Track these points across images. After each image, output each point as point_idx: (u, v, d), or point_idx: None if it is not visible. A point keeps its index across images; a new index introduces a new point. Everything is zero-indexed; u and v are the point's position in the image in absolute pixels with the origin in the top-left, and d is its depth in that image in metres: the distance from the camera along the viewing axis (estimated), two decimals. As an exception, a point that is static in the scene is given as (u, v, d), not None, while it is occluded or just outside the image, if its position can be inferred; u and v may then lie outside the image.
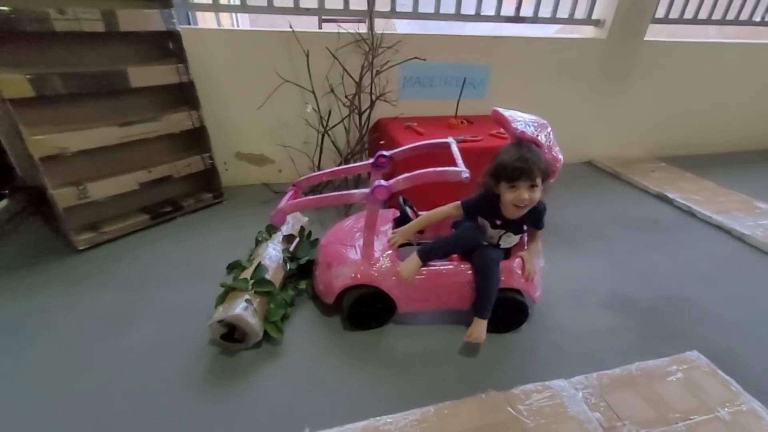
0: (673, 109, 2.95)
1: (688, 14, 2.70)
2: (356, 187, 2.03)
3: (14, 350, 1.22)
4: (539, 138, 1.21)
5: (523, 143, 1.19)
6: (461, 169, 1.21)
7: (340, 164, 2.17)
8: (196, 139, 2.00)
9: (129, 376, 1.16)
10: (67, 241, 1.68)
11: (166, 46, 1.83)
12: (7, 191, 1.89)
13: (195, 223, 1.96)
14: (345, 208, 2.09)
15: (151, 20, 1.69)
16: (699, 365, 1.26)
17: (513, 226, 1.29)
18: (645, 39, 2.60)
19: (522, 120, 1.25)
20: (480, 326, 1.26)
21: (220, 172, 2.13)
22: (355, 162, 2.17)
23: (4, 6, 1.36)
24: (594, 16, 2.53)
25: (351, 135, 2.23)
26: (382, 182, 1.21)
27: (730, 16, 2.77)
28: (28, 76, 1.43)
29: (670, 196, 2.41)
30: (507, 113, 1.28)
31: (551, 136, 1.25)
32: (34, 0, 1.45)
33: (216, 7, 2.01)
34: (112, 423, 1.04)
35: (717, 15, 2.75)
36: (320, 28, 3.06)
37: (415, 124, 2.18)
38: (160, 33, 1.75)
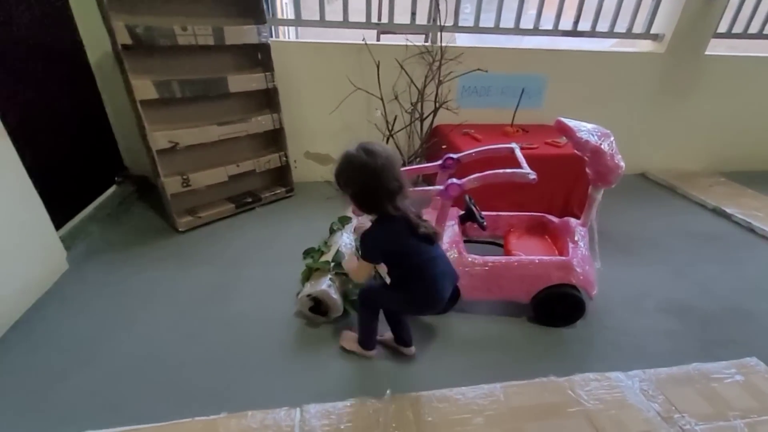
0: (735, 123, 2.89)
1: (753, 29, 2.66)
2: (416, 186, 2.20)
3: (144, 311, 1.47)
4: (602, 146, 1.31)
5: (367, 149, 1.03)
6: (528, 171, 1.33)
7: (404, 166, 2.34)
8: (275, 139, 2.24)
9: (235, 336, 1.37)
10: (170, 223, 1.95)
11: (256, 56, 2.09)
12: (117, 179, 2.21)
13: (271, 214, 2.19)
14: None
15: (249, 34, 1.94)
16: (759, 371, 1.30)
17: None
18: (706, 53, 2.60)
19: (586, 129, 1.36)
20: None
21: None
22: (415, 164, 2.32)
23: (138, 24, 1.65)
24: (653, 31, 2.57)
25: (411, 139, 2.40)
26: (456, 181, 1.35)
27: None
28: (154, 82, 1.72)
29: (729, 211, 2.38)
30: (571, 123, 1.39)
31: (614, 144, 1.35)
32: (161, 18, 1.73)
33: (299, 23, 2.25)
34: (228, 370, 1.25)
35: (786, 29, 2.69)
36: (378, 39, 3.27)
37: (473, 131, 2.31)
38: (253, 45, 2.01)
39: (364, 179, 1.03)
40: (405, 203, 1.08)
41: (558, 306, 1.44)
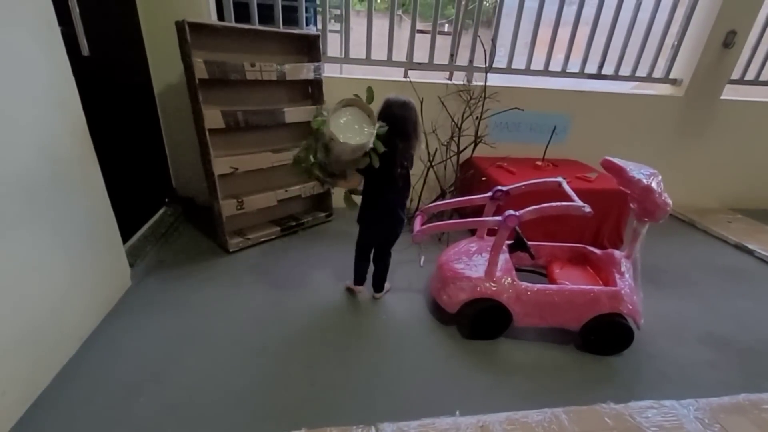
0: (749, 163, 3.04)
1: (764, 76, 2.85)
2: (459, 218, 2.30)
3: (206, 327, 1.52)
4: (652, 185, 1.42)
5: (400, 102, 1.49)
6: (583, 204, 1.42)
7: (437, 198, 2.46)
8: (319, 167, 2.35)
9: (301, 353, 1.42)
10: (220, 243, 2.03)
11: (306, 89, 2.24)
12: (166, 200, 2.30)
13: (314, 237, 2.27)
14: (438, 234, 2.35)
15: (306, 71, 2.09)
16: (806, 402, 1.35)
17: None
18: (721, 98, 2.78)
19: (635, 168, 1.47)
20: None
21: (329, 196, 2.46)
22: (452, 195, 2.43)
23: (214, 60, 1.79)
24: (672, 75, 2.75)
25: (446, 170, 2.52)
26: (514, 212, 1.45)
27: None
28: (222, 112, 1.84)
29: (750, 247, 2.48)
30: (621, 162, 1.51)
31: (661, 183, 1.46)
32: (231, 55, 1.88)
33: (347, 61, 2.42)
34: (299, 386, 1.29)
35: (793, 78, 2.89)
36: (405, 76, 3.46)
37: (506, 164, 2.44)
38: (306, 80, 2.16)
39: (388, 119, 1.44)
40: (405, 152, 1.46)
41: (607, 334, 1.50)
